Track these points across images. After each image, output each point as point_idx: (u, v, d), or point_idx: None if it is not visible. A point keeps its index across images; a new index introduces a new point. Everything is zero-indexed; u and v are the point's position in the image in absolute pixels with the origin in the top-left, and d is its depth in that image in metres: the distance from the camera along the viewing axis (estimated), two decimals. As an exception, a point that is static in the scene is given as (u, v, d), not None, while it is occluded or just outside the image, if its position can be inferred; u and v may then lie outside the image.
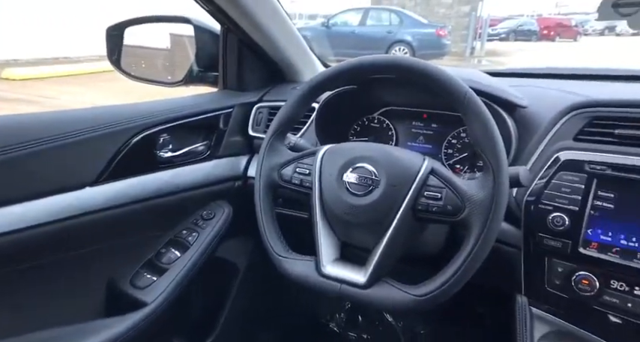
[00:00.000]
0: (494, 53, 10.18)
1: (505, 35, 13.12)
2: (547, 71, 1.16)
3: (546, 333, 0.79)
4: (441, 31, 7.83)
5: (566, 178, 0.78)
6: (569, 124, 0.83)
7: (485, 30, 10.04)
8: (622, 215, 0.73)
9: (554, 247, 0.77)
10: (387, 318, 1.29)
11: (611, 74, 1.09)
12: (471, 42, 9.56)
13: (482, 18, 10.06)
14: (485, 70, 1.08)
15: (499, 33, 13.12)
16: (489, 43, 11.92)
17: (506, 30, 13.15)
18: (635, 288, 0.70)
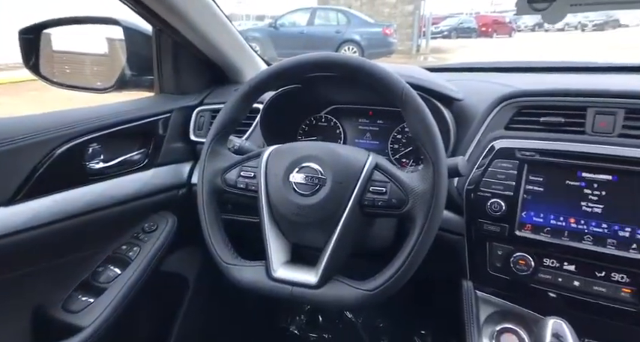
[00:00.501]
0: (439, 50, 10.65)
1: (447, 33, 13.79)
2: (481, 65, 1.22)
3: (491, 314, 0.82)
4: (387, 30, 8.05)
5: (501, 165, 0.82)
6: (501, 114, 0.88)
7: (428, 28, 10.48)
8: (550, 197, 0.78)
9: (494, 231, 0.80)
10: (347, 315, 1.30)
11: (538, 66, 1.17)
12: (417, 40, 9.94)
13: (426, 16, 10.49)
14: (423, 66, 1.12)
15: (442, 31, 13.75)
16: (434, 40, 12.45)
17: (449, 28, 13.83)
18: (564, 264, 0.75)
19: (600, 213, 0.74)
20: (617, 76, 1.02)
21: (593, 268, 0.73)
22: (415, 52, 9.93)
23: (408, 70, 0.94)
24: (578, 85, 0.84)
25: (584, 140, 0.79)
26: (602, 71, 1.06)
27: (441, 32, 13.75)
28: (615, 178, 0.74)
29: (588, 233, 0.74)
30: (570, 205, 0.76)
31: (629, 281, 0.70)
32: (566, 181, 0.77)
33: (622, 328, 0.72)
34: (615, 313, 0.71)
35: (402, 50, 9.52)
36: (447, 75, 1.08)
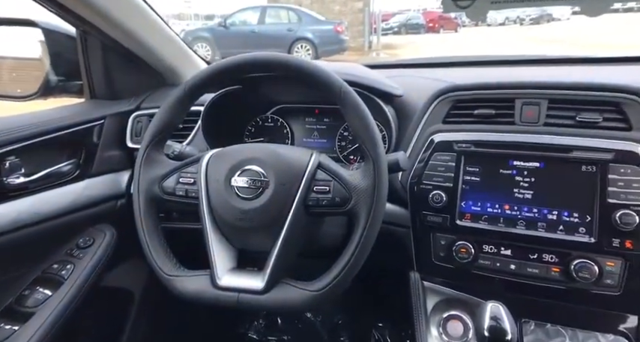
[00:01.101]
0: (391, 47, 10.92)
1: (397, 29, 14.16)
2: (419, 61, 1.25)
3: (437, 302, 0.85)
4: (338, 28, 8.12)
5: (440, 158, 0.85)
6: (438, 108, 0.90)
7: (379, 25, 10.71)
8: (486, 186, 0.82)
9: (437, 222, 0.83)
10: (307, 315, 1.29)
11: (472, 61, 1.22)
12: (368, 37, 10.12)
13: (375, 13, 10.71)
14: (364, 64, 1.13)
15: (392, 27, 14.10)
16: (385, 37, 12.74)
17: (398, 24, 14.21)
18: (501, 249, 0.79)
19: (531, 198, 0.78)
20: (543, 68, 1.09)
21: (526, 251, 0.77)
22: (367, 49, 10.11)
23: (349, 69, 0.95)
24: (507, 78, 0.89)
25: (514, 130, 0.83)
26: (530, 64, 1.13)
27: (391, 28, 14.10)
28: (542, 165, 0.78)
29: (521, 218, 0.78)
30: (504, 193, 0.80)
31: (558, 261, 0.75)
32: (500, 169, 0.81)
33: (554, 305, 0.77)
34: (547, 292, 0.76)
35: (355, 47, 9.65)
36: (387, 72, 1.10)
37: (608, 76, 0.82)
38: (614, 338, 0.73)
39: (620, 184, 0.72)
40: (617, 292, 0.72)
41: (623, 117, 0.77)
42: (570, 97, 0.81)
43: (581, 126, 0.79)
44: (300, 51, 8.06)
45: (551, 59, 1.12)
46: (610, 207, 0.72)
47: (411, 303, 0.85)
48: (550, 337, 0.76)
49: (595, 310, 0.75)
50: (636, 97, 0.77)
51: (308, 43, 8.05)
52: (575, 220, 0.75)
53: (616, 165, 0.73)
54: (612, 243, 0.72)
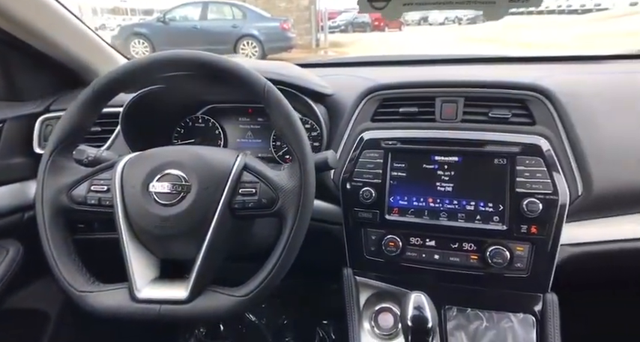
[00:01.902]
0: (338, 44, 11.06)
1: (344, 27, 14.39)
2: (350, 60, 1.28)
3: (369, 296, 0.88)
4: (284, 25, 8.05)
5: (369, 155, 0.87)
6: (367, 107, 0.93)
7: (326, 22, 10.80)
8: (412, 181, 0.85)
9: (367, 218, 0.85)
10: (250, 317, 1.28)
11: (401, 60, 1.26)
12: (315, 34, 10.17)
13: (322, 11, 10.78)
14: (296, 63, 1.13)
15: (339, 25, 14.30)
16: (332, 34, 12.88)
17: (345, 22, 14.44)
18: (426, 240, 0.83)
19: (451, 191, 0.83)
20: (463, 67, 1.16)
21: (448, 241, 0.82)
22: (315, 47, 10.16)
23: (278, 68, 0.94)
24: (428, 77, 0.93)
25: (435, 127, 0.88)
26: (452, 63, 1.19)
27: (338, 27, 14.30)
28: (460, 159, 0.83)
29: (443, 210, 0.83)
30: (428, 187, 0.84)
31: (476, 249, 0.80)
32: (423, 165, 0.85)
33: (473, 291, 0.83)
34: (467, 279, 0.81)
35: (302, 45, 9.65)
36: (318, 70, 1.11)
37: (516, 75, 0.89)
38: (524, 316, 0.80)
39: (526, 175, 0.79)
40: (525, 275, 0.78)
41: (528, 113, 0.84)
42: (483, 95, 0.87)
43: (493, 122, 0.85)
44: (246, 48, 7.89)
45: (470, 59, 1.19)
46: (518, 196, 0.78)
47: (344, 298, 0.87)
48: (470, 320, 0.82)
49: (508, 292, 0.81)
50: (538, 94, 0.84)
51: (254, 40, 7.90)
52: (489, 209, 0.81)
53: (522, 157, 0.80)
54: (521, 229, 0.78)
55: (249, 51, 7.84)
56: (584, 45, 8.47)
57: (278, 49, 8.03)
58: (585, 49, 7.61)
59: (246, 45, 7.91)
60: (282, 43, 8.15)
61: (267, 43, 7.87)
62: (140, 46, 8.06)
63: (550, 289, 0.79)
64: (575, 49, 7.79)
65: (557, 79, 0.87)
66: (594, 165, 0.78)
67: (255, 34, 7.88)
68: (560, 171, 0.79)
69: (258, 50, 7.81)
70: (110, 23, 12.67)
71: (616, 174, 0.79)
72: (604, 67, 1.08)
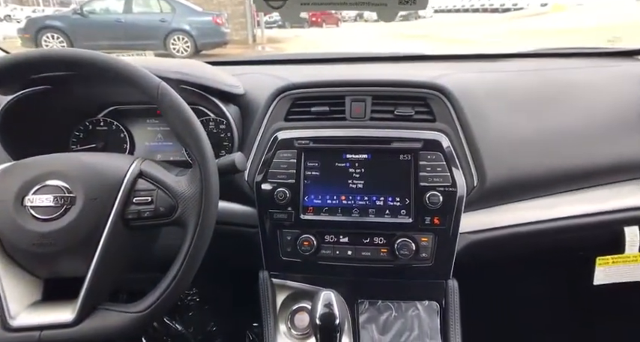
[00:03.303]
0: (276, 40, 10.95)
1: (282, 23, 14.25)
2: (263, 58, 1.27)
3: (286, 297, 0.88)
4: (218, 19, 7.77)
5: (283, 155, 0.87)
6: (279, 106, 0.92)
7: (262, 17, 10.64)
8: (325, 179, 0.86)
9: (282, 218, 0.85)
10: (177, 328, 1.22)
11: (315, 58, 1.27)
12: (252, 30, 9.96)
13: (258, 6, 10.52)
14: (207, 61, 1.09)
15: (276, 21, 14.13)
16: (270, 30, 12.73)
17: (282, 18, 14.32)
18: (340, 237, 0.85)
19: (362, 188, 0.85)
20: (372, 65, 1.19)
21: (360, 236, 0.84)
22: (252, 42, 9.96)
23: (183, 67, 0.90)
24: (338, 76, 0.94)
25: (345, 125, 0.89)
26: (363, 61, 1.22)
27: (275, 22, 14.14)
28: (370, 157, 0.86)
29: (355, 207, 0.85)
30: (340, 184, 0.86)
31: (385, 242, 0.84)
32: (336, 163, 0.86)
33: (384, 283, 0.86)
34: (378, 272, 0.84)
35: (238, 40, 9.41)
36: (232, 69, 1.08)
37: (418, 74, 0.94)
38: (429, 303, 0.85)
39: (428, 169, 0.83)
40: (430, 263, 0.83)
41: (429, 110, 0.89)
42: (388, 94, 0.90)
43: (398, 119, 0.89)
44: (177, 43, 7.50)
45: (381, 57, 1.23)
46: (422, 189, 0.82)
47: (260, 302, 0.87)
48: (381, 312, 0.85)
49: (415, 281, 0.86)
50: (436, 92, 0.89)
51: (185, 35, 7.53)
52: (397, 203, 0.84)
53: (425, 152, 0.84)
54: (425, 221, 0.82)
55: (180, 46, 7.46)
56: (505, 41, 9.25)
57: (212, 45, 7.74)
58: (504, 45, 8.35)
59: (176, 40, 7.52)
60: (216, 39, 7.87)
61: (200, 38, 7.55)
62: (54, 41, 7.31)
63: (451, 275, 0.85)
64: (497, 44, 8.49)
65: (454, 78, 0.93)
66: (486, 158, 0.85)
67: (187, 28, 7.51)
68: (458, 164, 0.84)
69: (190, 46, 7.46)
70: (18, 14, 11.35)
71: (506, 166, 0.86)
72: (499, 66, 1.17)
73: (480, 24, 14.84)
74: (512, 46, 2.01)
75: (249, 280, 0.92)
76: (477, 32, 11.32)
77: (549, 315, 1.28)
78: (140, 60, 0.89)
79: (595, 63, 1.18)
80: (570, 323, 1.31)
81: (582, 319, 1.29)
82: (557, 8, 15.59)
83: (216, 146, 0.93)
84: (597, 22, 9.17)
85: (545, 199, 0.88)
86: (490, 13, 20.94)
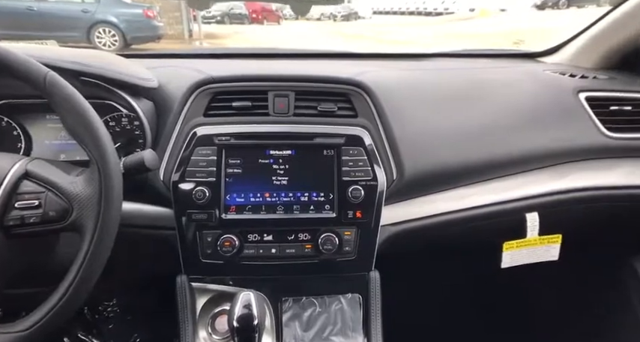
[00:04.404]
0: (214, 36, 10.56)
1: (221, 18, 13.82)
2: (186, 52, 1.21)
3: (206, 301, 0.85)
4: (149, 12, 7.28)
5: (202, 152, 0.83)
6: (198, 101, 0.88)
7: (198, 12, 10.21)
8: (248, 177, 0.84)
9: (202, 219, 0.81)
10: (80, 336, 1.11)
11: (236, 53, 1.24)
12: (188, 24, 9.51)
13: (194, 0, 10.12)
14: (119, 53, 1.02)
15: (214, 15, 13.66)
16: (208, 26, 12.26)
17: (220, 13, 13.86)
18: (264, 235, 0.83)
19: (287, 184, 0.84)
20: (296, 61, 1.19)
21: (285, 233, 0.83)
22: (188, 38, 9.52)
23: (86, 57, 0.82)
24: (260, 70, 0.92)
25: (269, 121, 0.88)
26: (287, 57, 1.22)
27: (214, 17, 13.65)
28: (294, 153, 0.85)
29: (280, 204, 0.84)
30: (264, 181, 0.84)
31: (310, 238, 0.83)
32: (259, 159, 0.84)
33: (309, 279, 0.86)
34: (303, 268, 0.84)
35: (173, 35, 8.92)
36: (148, 62, 1.01)
37: (341, 71, 0.94)
38: (352, 296, 0.87)
39: (350, 164, 0.84)
40: (353, 257, 0.84)
41: (351, 106, 0.90)
42: (311, 89, 0.90)
43: (321, 115, 0.89)
44: (103, 36, 6.92)
45: (304, 54, 1.23)
46: (344, 184, 0.83)
47: (177, 310, 0.82)
48: (305, 308, 0.85)
49: (338, 276, 0.87)
50: (357, 88, 0.90)
51: (112, 28, 6.98)
52: (321, 199, 0.84)
53: (347, 148, 0.85)
54: (348, 215, 0.83)
55: (106, 40, 6.90)
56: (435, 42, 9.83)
57: (143, 39, 7.25)
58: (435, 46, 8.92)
59: (102, 33, 6.94)
60: (148, 33, 7.38)
61: (130, 32, 7.03)
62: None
63: (373, 267, 0.87)
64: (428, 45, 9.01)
65: (374, 75, 0.95)
66: (405, 152, 0.88)
67: (113, 21, 6.96)
68: (378, 159, 0.86)
69: (118, 39, 6.93)
70: None
71: (423, 159, 0.90)
72: (419, 64, 1.23)
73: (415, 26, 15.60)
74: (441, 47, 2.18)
75: (172, 285, 0.87)
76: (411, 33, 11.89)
77: (465, 299, 1.38)
78: (34, 49, 0.79)
79: (503, 63, 1.28)
80: (483, 305, 1.42)
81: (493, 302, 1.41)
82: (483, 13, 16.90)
83: (129, 144, 0.86)
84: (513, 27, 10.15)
85: (459, 190, 0.93)
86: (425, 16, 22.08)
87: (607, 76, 1.09)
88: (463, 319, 1.36)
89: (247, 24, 14.59)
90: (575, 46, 1.19)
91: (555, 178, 0.96)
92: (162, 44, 7.58)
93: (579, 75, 1.08)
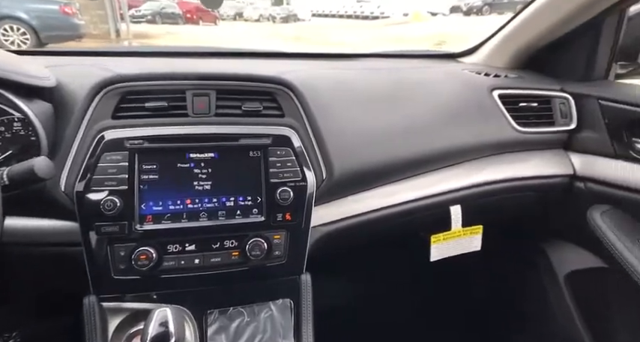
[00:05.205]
0: (145, 36, 9.95)
1: (152, 18, 13.05)
2: (91, 49, 1.11)
3: (121, 321, 0.77)
4: (67, 9, 6.61)
5: (111, 158, 0.75)
6: (104, 101, 0.80)
7: (125, 10, 9.53)
8: (166, 183, 0.77)
9: (113, 232, 0.73)
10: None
11: (149, 51, 1.16)
12: (114, 23, 8.84)
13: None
14: (14, 50, 0.90)
15: (144, 14, 12.86)
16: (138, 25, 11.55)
17: (151, 12, 13.09)
18: (186, 245, 0.77)
19: (210, 189, 0.79)
20: (216, 60, 1.14)
21: (209, 242, 0.78)
22: (116, 37, 8.86)
23: None
24: (176, 68, 0.86)
25: (188, 122, 0.82)
26: (206, 56, 1.16)
27: (144, 16, 12.85)
28: (217, 155, 0.80)
29: (203, 210, 0.78)
30: (185, 187, 0.78)
31: (237, 244, 0.79)
32: (178, 164, 0.78)
33: (237, 288, 0.82)
34: (231, 277, 0.80)
35: (98, 35, 8.24)
36: (48, 60, 0.90)
37: (266, 69, 0.91)
38: (282, 301, 0.84)
39: (278, 165, 0.81)
40: (283, 261, 0.82)
41: (277, 105, 0.87)
42: (235, 88, 0.86)
43: (246, 115, 0.85)
44: (10, 34, 6.16)
45: (226, 52, 1.19)
46: (273, 186, 0.80)
47: (84, 332, 0.74)
48: (232, 320, 0.81)
49: (268, 282, 0.83)
50: (283, 87, 0.88)
51: (22, 25, 6.26)
52: (249, 203, 0.80)
53: (274, 148, 0.82)
54: (277, 218, 0.80)
55: (15, 38, 6.15)
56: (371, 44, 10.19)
57: (61, 38, 6.56)
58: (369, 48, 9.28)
59: (9, 30, 6.19)
60: (66, 32, 6.71)
61: (44, 30, 6.33)
62: None
63: (305, 269, 0.85)
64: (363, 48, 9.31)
65: (301, 74, 0.93)
66: (333, 151, 0.87)
67: (22, 16, 6.23)
68: (307, 159, 0.84)
69: (29, 38, 6.22)
70: None
71: (352, 158, 0.89)
72: (348, 64, 1.23)
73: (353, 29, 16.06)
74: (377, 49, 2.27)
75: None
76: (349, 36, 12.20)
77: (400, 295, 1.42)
78: None
79: (426, 64, 1.34)
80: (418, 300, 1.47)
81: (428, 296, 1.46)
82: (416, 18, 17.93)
83: (24, 151, 0.76)
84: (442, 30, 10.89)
85: (387, 187, 0.94)
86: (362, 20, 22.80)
87: (516, 75, 1.18)
88: (399, 316, 1.39)
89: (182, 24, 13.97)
90: (488, 48, 1.27)
91: (474, 172, 1.01)
92: (84, 43, 6.98)
93: (493, 74, 1.16)
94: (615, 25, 1.10)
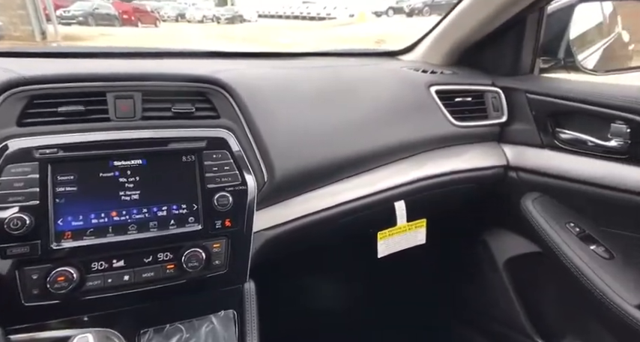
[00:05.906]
0: (75, 38, 9.23)
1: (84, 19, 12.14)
2: None
3: None
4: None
5: (17, 171, 0.66)
6: (8, 106, 0.70)
7: (52, 10, 8.76)
8: (87, 195, 0.70)
9: (23, 253, 0.65)
10: None
11: (62, 51, 1.06)
12: (39, 24, 8.08)
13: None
14: None
15: (74, 15, 11.92)
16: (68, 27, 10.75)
17: (82, 12, 12.16)
18: (113, 262, 0.70)
19: (139, 199, 0.73)
20: (139, 60, 1.06)
21: (141, 256, 0.72)
22: (41, 39, 8.13)
23: None
24: (94, 69, 0.78)
25: (110, 127, 0.75)
26: (128, 56, 1.08)
27: (74, 17, 11.94)
28: (145, 162, 0.74)
29: (132, 222, 0.72)
30: (109, 198, 0.71)
31: (172, 257, 0.73)
32: (100, 173, 0.71)
33: (174, 303, 0.76)
34: (166, 293, 0.73)
35: (20, 37, 7.51)
36: None
37: (196, 68, 0.86)
38: (225, 313, 0.80)
39: (214, 169, 0.77)
40: (224, 271, 0.77)
41: (211, 106, 0.82)
42: (162, 89, 0.80)
43: (177, 117, 0.79)
44: None
45: (150, 52, 1.11)
46: (210, 192, 0.75)
47: None
48: (169, 338, 0.75)
49: (208, 293, 0.78)
50: (217, 86, 0.83)
51: None
52: (184, 211, 0.75)
53: (209, 152, 0.77)
54: (215, 225, 0.76)
55: None
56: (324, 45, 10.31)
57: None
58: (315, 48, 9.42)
59: None
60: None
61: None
62: None
63: (248, 277, 0.81)
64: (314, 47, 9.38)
65: (236, 73, 0.89)
66: (274, 152, 0.83)
67: None
68: (246, 162, 0.80)
69: None
70: None
71: (294, 158, 0.86)
72: (288, 63, 1.21)
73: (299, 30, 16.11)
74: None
75: None
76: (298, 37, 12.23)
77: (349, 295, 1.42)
78: None
79: (367, 61, 1.34)
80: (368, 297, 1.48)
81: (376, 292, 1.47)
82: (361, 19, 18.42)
83: None
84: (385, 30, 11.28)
85: (331, 187, 0.93)
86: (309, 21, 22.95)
87: (451, 71, 1.22)
88: (349, 316, 1.39)
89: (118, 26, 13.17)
90: (425, 45, 1.31)
91: (415, 167, 1.02)
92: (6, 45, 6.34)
93: (430, 70, 1.18)
94: (536, 22, 1.17)
